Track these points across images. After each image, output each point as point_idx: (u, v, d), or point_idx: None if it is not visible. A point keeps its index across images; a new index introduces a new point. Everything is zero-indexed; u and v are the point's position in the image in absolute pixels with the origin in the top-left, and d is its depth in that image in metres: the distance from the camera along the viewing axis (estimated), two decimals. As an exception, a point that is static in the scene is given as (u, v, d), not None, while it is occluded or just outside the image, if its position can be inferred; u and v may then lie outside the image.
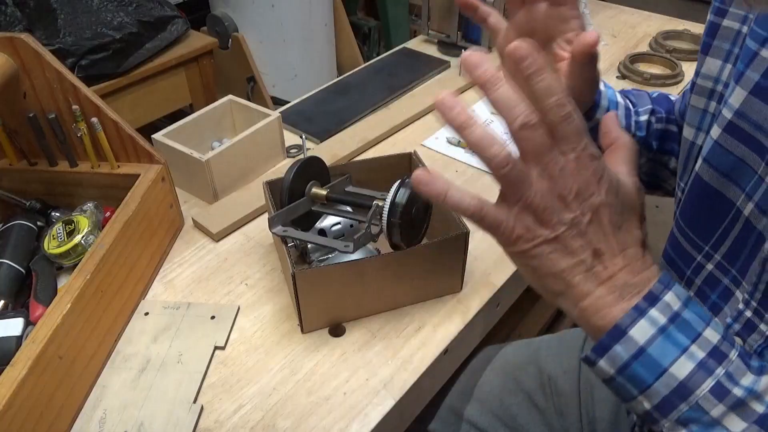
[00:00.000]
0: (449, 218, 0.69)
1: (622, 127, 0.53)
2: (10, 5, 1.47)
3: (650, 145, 0.65)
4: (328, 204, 0.72)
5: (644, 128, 0.65)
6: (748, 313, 0.46)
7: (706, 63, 0.52)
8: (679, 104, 0.66)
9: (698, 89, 0.53)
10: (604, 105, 0.62)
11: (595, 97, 0.59)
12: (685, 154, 0.55)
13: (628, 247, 0.39)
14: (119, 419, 0.58)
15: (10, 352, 0.56)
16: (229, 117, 0.97)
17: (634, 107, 0.66)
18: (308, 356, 0.65)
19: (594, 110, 0.61)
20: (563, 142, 0.36)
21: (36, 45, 0.67)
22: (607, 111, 0.62)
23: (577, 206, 0.37)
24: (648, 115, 0.65)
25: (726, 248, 0.49)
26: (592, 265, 0.38)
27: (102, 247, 0.63)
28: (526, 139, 0.36)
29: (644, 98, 0.66)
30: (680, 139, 0.61)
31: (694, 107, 0.53)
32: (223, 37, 1.85)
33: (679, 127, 0.64)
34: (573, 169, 0.36)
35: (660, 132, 0.65)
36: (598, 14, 1.43)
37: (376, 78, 1.17)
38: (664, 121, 0.65)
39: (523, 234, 0.38)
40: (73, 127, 0.73)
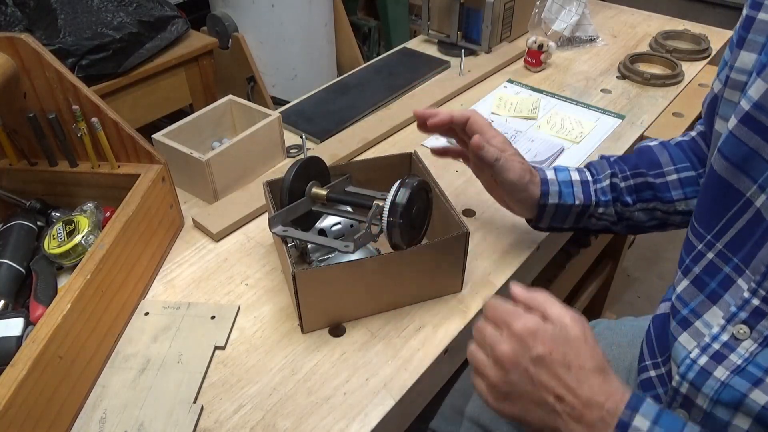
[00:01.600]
0: (449, 218, 0.69)
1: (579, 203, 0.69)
2: (10, 5, 1.47)
3: (626, 201, 0.70)
4: (328, 204, 0.72)
5: (608, 192, 0.71)
6: (755, 301, 0.47)
7: (741, 57, 0.52)
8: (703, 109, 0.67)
9: (732, 83, 0.53)
10: (554, 190, 0.69)
11: (532, 190, 0.69)
12: (714, 148, 0.56)
13: (584, 383, 0.46)
14: (119, 419, 0.58)
15: (10, 352, 0.56)
16: (229, 117, 0.97)
17: (594, 176, 0.72)
18: (308, 356, 0.65)
19: (544, 197, 0.69)
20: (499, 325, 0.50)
21: (36, 45, 0.67)
22: (559, 195, 0.69)
23: (521, 360, 0.47)
24: (609, 179, 0.71)
25: (729, 238, 0.50)
26: (561, 410, 0.46)
27: (102, 247, 0.63)
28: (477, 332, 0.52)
29: (603, 165, 0.72)
30: (657, 186, 0.69)
31: (728, 100, 0.53)
32: (223, 37, 1.85)
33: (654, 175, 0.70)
34: (509, 338, 0.49)
35: (630, 187, 0.70)
36: (598, 14, 1.43)
37: (376, 78, 1.17)
38: (630, 177, 0.70)
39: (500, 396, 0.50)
40: (73, 127, 0.73)
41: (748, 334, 0.48)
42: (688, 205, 0.70)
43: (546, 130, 1.01)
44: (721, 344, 0.50)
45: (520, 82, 1.16)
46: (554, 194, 0.70)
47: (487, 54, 1.23)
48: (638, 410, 0.44)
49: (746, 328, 0.48)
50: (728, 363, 0.49)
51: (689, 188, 0.69)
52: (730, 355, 0.49)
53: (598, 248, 1.43)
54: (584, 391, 0.46)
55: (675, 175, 0.70)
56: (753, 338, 0.48)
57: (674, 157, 0.71)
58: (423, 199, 0.67)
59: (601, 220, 0.72)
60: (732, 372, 0.49)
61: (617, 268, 1.57)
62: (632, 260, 1.98)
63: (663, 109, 1.07)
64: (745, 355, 0.48)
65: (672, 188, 0.69)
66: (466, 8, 1.22)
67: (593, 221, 0.73)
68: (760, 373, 0.47)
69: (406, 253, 0.64)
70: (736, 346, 0.49)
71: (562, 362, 0.46)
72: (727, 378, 0.49)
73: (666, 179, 0.70)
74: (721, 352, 0.50)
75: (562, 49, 1.27)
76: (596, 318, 1.34)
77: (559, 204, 0.70)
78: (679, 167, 0.70)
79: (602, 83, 1.16)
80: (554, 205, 0.70)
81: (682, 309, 0.54)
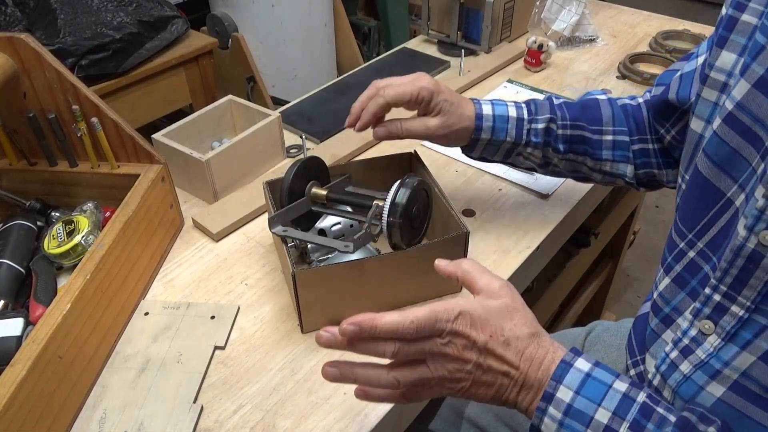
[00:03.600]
0: (449, 218, 0.69)
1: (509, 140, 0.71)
2: (10, 5, 1.47)
3: (557, 148, 0.71)
4: (328, 204, 0.73)
5: (540, 135, 0.71)
6: (716, 297, 0.48)
7: (722, 56, 0.52)
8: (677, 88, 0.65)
9: (711, 82, 0.53)
10: (487, 126, 0.71)
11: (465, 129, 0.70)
12: (691, 146, 0.56)
13: (524, 351, 0.49)
14: (119, 419, 0.58)
15: (10, 352, 0.56)
16: (229, 117, 0.97)
17: (531, 115, 0.72)
18: (308, 356, 0.65)
19: (477, 132, 0.71)
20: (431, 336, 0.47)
21: (36, 45, 0.67)
22: (492, 130, 0.71)
23: (470, 356, 0.48)
24: (546, 123, 0.71)
25: (710, 237, 0.50)
26: (507, 384, 0.48)
27: (102, 247, 0.63)
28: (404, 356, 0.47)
29: (545, 106, 0.72)
30: (592, 141, 0.70)
31: (705, 99, 0.54)
32: (223, 37, 1.85)
33: (592, 131, 0.71)
34: (451, 339, 0.47)
35: (566, 136, 0.71)
36: (598, 14, 1.43)
37: (376, 78, 1.16)
38: (568, 127, 0.71)
39: (451, 392, 0.49)
40: (73, 127, 0.73)
41: (712, 329, 0.49)
42: (612, 167, 0.72)
43: (546, 130, 1.01)
44: (689, 339, 0.51)
45: (520, 82, 1.16)
46: (487, 129, 0.71)
47: (487, 54, 1.23)
48: (562, 381, 0.47)
49: (710, 323, 0.49)
50: (693, 357, 0.50)
51: (618, 152, 0.71)
52: (697, 350, 0.50)
53: (598, 248, 1.43)
54: (525, 361, 0.48)
55: (611, 136, 0.71)
56: (717, 333, 0.48)
57: (616, 118, 0.72)
58: (423, 199, 0.67)
59: (528, 159, 0.74)
60: (695, 366, 0.50)
61: (617, 268, 1.57)
62: (632, 260, 1.98)
63: (663, 109, 1.07)
64: (710, 350, 0.49)
65: (604, 147, 0.71)
66: (466, 8, 1.22)
67: (521, 159, 0.75)
68: (719, 365, 0.48)
69: (405, 253, 0.64)
70: (702, 341, 0.50)
71: (503, 342, 0.49)
72: (689, 371, 0.50)
73: (602, 137, 0.71)
74: (690, 346, 0.51)
75: (562, 49, 1.27)
76: (596, 318, 1.34)
77: (491, 139, 0.72)
78: (616, 129, 0.71)
79: (602, 83, 1.16)
80: (486, 140, 0.72)
81: (664, 307, 0.55)
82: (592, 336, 0.82)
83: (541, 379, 0.47)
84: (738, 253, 0.45)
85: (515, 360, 0.48)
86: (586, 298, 1.52)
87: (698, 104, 0.55)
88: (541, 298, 1.22)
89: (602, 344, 0.80)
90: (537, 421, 0.47)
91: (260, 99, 1.87)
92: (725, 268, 0.47)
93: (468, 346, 0.48)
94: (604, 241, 1.43)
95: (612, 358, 0.77)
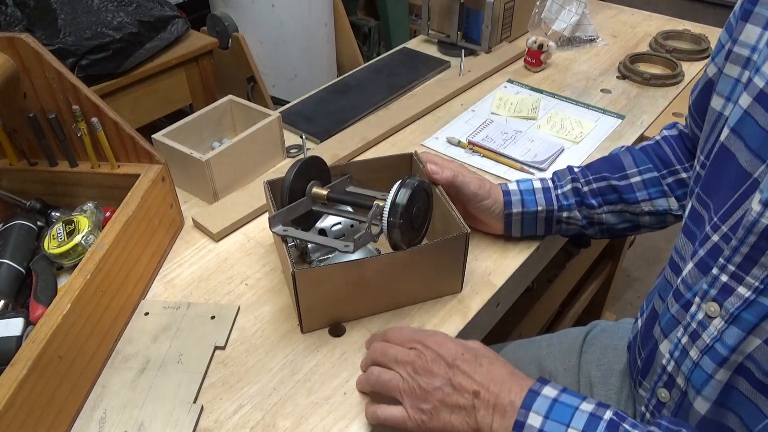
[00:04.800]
0: (450, 219, 0.69)
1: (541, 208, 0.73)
2: (10, 5, 1.47)
3: (591, 204, 0.73)
4: (328, 204, 0.72)
5: (570, 196, 0.74)
6: (723, 278, 0.47)
7: (746, 30, 0.50)
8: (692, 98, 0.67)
9: (734, 57, 0.51)
10: (516, 200, 0.74)
11: (494, 202, 0.73)
12: (710, 126, 0.55)
13: (493, 372, 0.52)
14: (119, 419, 0.58)
15: (10, 352, 0.56)
16: (229, 117, 0.97)
17: (555, 183, 0.75)
18: (308, 356, 0.65)
19: (508, 206, 0.73)
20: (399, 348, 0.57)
21: (36, 45, 0.67)
22: (522, 203, 0.73)
23: (437, 369, 0.53)
24: (570, 184, 0.74)
25: (734, 221, 0.48)
26: (479, 405, 0.50)
27: (102, 247, 0.63)
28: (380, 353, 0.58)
29: (564, 173, 0.76)
30: (621, 188, 0.72)
31: (727, 76, 0.52)
32: (223, 37, 1.85)
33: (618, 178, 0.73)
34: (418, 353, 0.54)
35: (594, 190, 0.73)
36: (598, 14, 1.43)
37: (376, 78, 1.17)
38: (593, 181, 0.74)
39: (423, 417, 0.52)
40: (73, 127, 0.73)
41: (717, 312, 0.48)
42: (653, 206, 0.72)
43: (546, 130, 1.01)
44: (697, 323, 0.50)
45: (520, 82, 1.16)
46: (517, 203, 0.73)
47: (487, 54, 1.23)
48: (531, 408, 0.49)
49: (716, 305, 0.48)
50: (700, 342, 0.50)
51: (653, 189, 0.71)
52: (703, 333, 0.49)
53: (598, 248, 1.43)
54: (496, 383, 0.51)
55: (638, 177, 0.72)
56: (721, 316, 0.48)
57: (637, 160, 0.73)
58: (423, 200, 0.67)
59: (570, 224, 0.75)
60: (702, 351, 0.49)
61: (617, 268, 1.57)
62: (632, 260, 1.98)
63: (663, 109, 1.07)
64: (714, 334, 0.48)
65: (636, 189, 0.72)
66: (466, 8, 1.22)
67: (563, 226, 0.76)
68: (723, 350, 0.47)
69: (405, 254, 0.64)
70: (708, 325, 0.49)
71: (474, 360, 0.52)
72: (697, 358, 0.50)
73: (630, 181, 0.72)
74: (697, 331, 0.50)
75: (562, 49, 1.27)
76: (596, 318, 1.34)
77: (524, 212, 0.74)
78: (641, 169, 0.72)
79: (602, 83, 1.16)
80: (519, 213, 0.74)
81: (686, 293, 0.53)
82: (590, 336, 0.82)
83: (514, 401, 0.50)
84: (750, 229, 0.44)
85: (485, 379, 0.51)
86: (586, 298, 1.52)
87: (720, 81, 0.53)
88: (541, 298, 1.22)
89: (600, 345, 0.79)
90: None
91: (260, 99, 1.87)
92: (735, 246, 0.45)
93: (436, 360, 0.52)
94: (604, 241, 1.43)
95: (608, 359, 0.77)
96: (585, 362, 0.78)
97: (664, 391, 0.55)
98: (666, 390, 0.55)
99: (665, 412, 0.56)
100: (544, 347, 0.83)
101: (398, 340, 0.58)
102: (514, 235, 0.76)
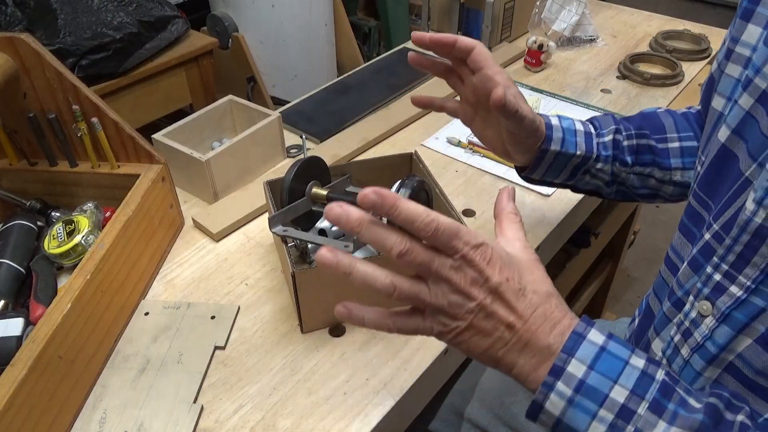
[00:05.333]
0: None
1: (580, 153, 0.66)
2: (10, 5, 1.47)
3: (625, 161, 0.68)
4: (328, 204, 0.72)
5: (609, 147, 0.68)
6: (717, 276, 0.47)
7: (747, 30, 0.50)
8: None
9: (735, 57, 0.51)
10: (557, 137, 0.65)
11: (539, 134, 0.64)
12: (711, 126, 0.54)
13: (538, 307, 0.43)
14: (119, 419, 0.58)
15: (10, 352, 0.56)
16: (229, 117, 0.97)
17: (597, 130, 0.69)
18: (308, 356, 0.65)
19: (547, 142, 0.65)
20: (443, 251, 0.41)
21: (36, 45, 0.67)
22: (562, 142, 0.65)
23: (477, 293, 0.41)
24: (612, 135, 0.68)
25: (726, 218, 0.48)
26: (509, 339, 0.42)
27: (102, 247, 0.63)
28: (408, 262, 0.40)
29: (608, 120, 0.70)
30: (659, 150, 0.67)
31: (729, 76, 0.52)
32: (223, 37, 1.85)
33: (657, 140, 0.68)
34: (462, 265, 0.41)
35: (632, 147, 0.68)
36: (598, 14, 1.43)
37: (376, 78, 1.17)
38: (634, 137, 0.68)
39: (442, 329, 0.43)
40: (73, 127, 0.73)
41: (710, 310, 0.47)
42: (683, 176, 0.68)
43: (546, 130, 1.01)
44: (690, 321, 0.50)
45: (520, 82, 1.16)
46: (557, 141, 0.65)
47: (487, 54, 1.23)
48: (574, 354, 0.41)
49: (708, 304, 0.48)
50: (692, 341, 0.49)
51: (688, 158, 0.67)
52: (695, 332, 0.49)
53: (598, 248, 1.43)
54: (536, 317, 0.43)
55: (677, 143, 0.68)
56: (713, 314, 0.47)
57: (679, 125, 0.69)
58: (423, 200, 0.67)
59: (596, 177, 0.70)
60: (692, 350, 0.49)
61: (617, 268, 1.57)
62: (632, 260, 1.98)
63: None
64: (705, 332, 0.48)
65: (672, 155, 0.68)
66: (466, 8, 1.22)
67: (587, 178, 0.70)
68: (713, 348, 0.47)
69: (406, 253, 0.64)
70: (700, 323, 0.48)
71: (518, 290, 0.43)
72: (688, 356, 0.49)
73: (668, 145, 0.68)
74: (690, 329, 0.50)
75: (562, 49, 1.27)
76: (596, 318, 1.34)
77: (561, 152, 0.66)
78: (682, 135, 0.68)
79: (602, 83, 1.16)
80: (555, 152, 0.66)
81: (678, 291, 0.53)
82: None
83: (552, 344, 0.42)
84: (744, 228, 0.44)
85: (526, 312, 0.42)
86: (586, 298, 1.52)
87: (721, 81, 0.53)
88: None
89: None
90: (541, 397, 0.42)
91: (260, 99, 1.87)
92: (729, 245, 0.45)
93: (478, 281, 0.41)
94: (604, 241, 1.43)
95: None
96: None
97: None
98: None
99: None
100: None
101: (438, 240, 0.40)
102: (535, 176, 0.69)
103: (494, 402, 0.78)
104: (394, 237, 0.40)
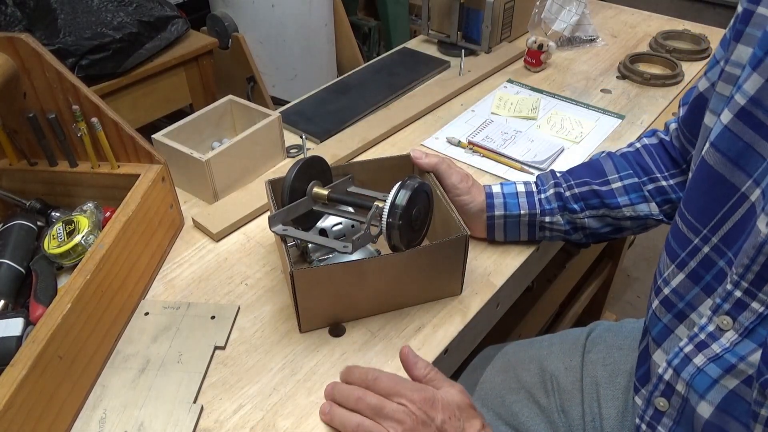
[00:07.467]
0: (450, 220, 0.68)
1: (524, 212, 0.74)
2: (10, 5, 1.47)
3: (573, 209, 0.74)
4: (329, 204, 0.72)
5: (553, 200, 0.74)
6: (737, 293, 0.48)
7: (737, 50, 0.52)
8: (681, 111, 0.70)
9: (726, 76, 0.53)
10: (498, 202, 0.74)
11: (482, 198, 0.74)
12: (703, 141, 0.56)
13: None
14: (119, 419, 0.58)
15: (10, 352, 0.56)
16: (229, 117, 0.97)
17: (539, 187, 0.76)
18: (308, 356, 0.65)
19: (490, 209, 0.74)
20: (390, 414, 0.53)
21: (36, 45, 0.67)
22: (504, 206, 0.74)
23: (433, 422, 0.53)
24: (553, 188, 0.75)
25: (724, 232, 0.50)
26: None
27: (102, 247, 0.63)
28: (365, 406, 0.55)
29: (548, 176, 0.76)
30: (603, 192, 0.73)
31: (719, 94, 0.54)
32: (223, 37, 1.85)
33: (599, 183, 0.74)
34: (407, 415, 0.53)
35: (576, 195, 0.74)
36: (598, 14, 1.43)
37: (376, 78, 1.17)
38: (574, 186, 0.74)
39: None
40: (73, 127, 0.73)
41: (731, 325, 0.49)
42: (635, 211, 0.73)
43: (546, 130, 1.01)
44: (706, 334, 0.51)
45: (520, 82, 1.16)
46: (499, 206, 0.74)
47: (487, 54, 1.23)
48: None
49: (729, 319, 0.49)
50: (708, 351, 0.50)
51: (634, 194, 0.73)
52: (713, 344, 0.50)
53: (598, 248, 1.43)
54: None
55: (619, 183, 0.73)
56: (735, 329, 0.49)
57: (618, 166, 0.74)
58: (423, 201, 0.67)
59: (554, 230, 0.75)
60: (709, 359, 0.50)
61: (617, 268, 1.57)
62: (632, 260, 1.98)
63: (663, 109, 1.07)
64: (726, 345, 0.49)
65: (618, 195, 0.73)
66: (466, 8, 1.22)
67: (546, 233, 0.76)
68: (734, 359, 0.48)
69: (405, 255, 0.64)
70: (719, 337, 0.50)
71: (459, 426, 0.54)
72: (703, 364, 0.50)
73: (611, 186, 0.73)
74: (705, 341, 0.51)
75: (562, 49, 1.27)
76: (596, 318, 1.34)
77: (506, 215, 0.74)
78: (622, 175, 0.73)
79: (602, 83, 1.16)
80: (501, 216, 0.74)
81: (678, 302, 0.55)
82: (593, 336, 0.82)
83: None
84: (760, 250, 0.45)
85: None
86: (586, 298, 1.52)
87: (713, 99, 0.55)
88: (541, 298, 1.22)
89: (605, 344, 0.79)
90: None
91: (260, 99, 1.87)
92: (747, 265, 0.47)
93: (426, 422, 0.52)
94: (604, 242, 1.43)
95: (614, 358, 0.77)
96: (589, 362, 0.78)
97: (663, 400, 0.55)
98: (664, 399, 0.55)
99: (665, 420, 0.56)
100: (545, 347, 0.83)
101: (382, 390, 0.55)
102: (497, 239, 0.77)
103: (495, 401, 0.78)
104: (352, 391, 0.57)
